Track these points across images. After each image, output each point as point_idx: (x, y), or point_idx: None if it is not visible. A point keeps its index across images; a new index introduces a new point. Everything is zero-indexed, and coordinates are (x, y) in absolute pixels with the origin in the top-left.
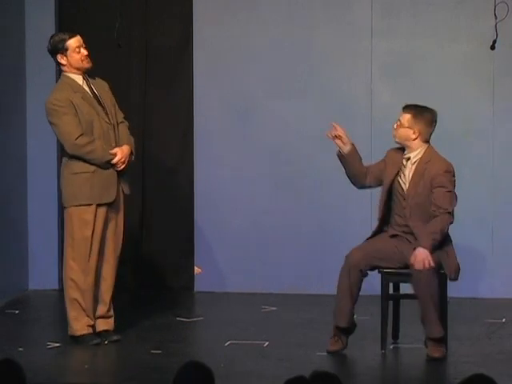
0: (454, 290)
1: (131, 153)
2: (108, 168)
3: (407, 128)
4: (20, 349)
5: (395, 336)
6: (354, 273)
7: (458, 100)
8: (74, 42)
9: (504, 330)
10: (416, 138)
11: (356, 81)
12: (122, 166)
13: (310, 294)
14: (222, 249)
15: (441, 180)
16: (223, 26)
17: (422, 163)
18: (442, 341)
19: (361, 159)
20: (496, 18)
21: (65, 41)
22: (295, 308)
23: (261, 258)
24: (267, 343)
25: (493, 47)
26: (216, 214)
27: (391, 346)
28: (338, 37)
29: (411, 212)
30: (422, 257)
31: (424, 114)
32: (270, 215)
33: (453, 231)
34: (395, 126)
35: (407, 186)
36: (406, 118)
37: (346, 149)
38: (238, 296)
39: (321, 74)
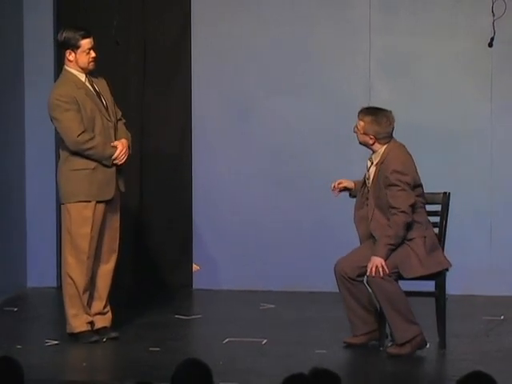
0: (452, 287)
1: (128, 146)
2: (108, 165)
3: (363, 134)
4: (18, 346)
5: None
6: (344, 282)
7: (456, 97)
8: (86, 43)
9: (502, 327)
10: (374, 143)
11: (355, 78)
12: (124, 158)
13: (309, 292)
14: (220, 246)
15: (390, 180)
16: (222, 24)
17: (379, 164)
18: (406, 342)
19: None
20: (494, 15)
21: (78, 39)
22: (294, 306)
23: (259, 256)
24: (266, 341)
25: (490, 44)
26: (214, 212)
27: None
28: (337, 35)
29: (373, 215)
30: (374, 264)
31: (377, 119)
32: (269, 213)
33: (451, 229)
34: (355, 130)
35: (370, 188)
36: (361, 124)
37: (353, 189)
38: (237, 293)
39: (320, 72)
